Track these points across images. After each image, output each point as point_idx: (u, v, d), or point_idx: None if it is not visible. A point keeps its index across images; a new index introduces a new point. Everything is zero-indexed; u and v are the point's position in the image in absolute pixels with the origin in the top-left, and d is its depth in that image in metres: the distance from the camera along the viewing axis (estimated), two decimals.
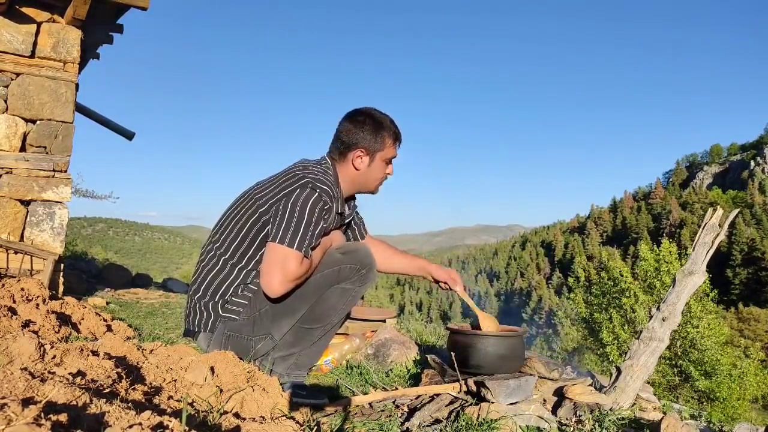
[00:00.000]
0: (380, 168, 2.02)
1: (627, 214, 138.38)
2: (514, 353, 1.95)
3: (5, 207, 4.06)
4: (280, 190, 1.83)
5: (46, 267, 3.98)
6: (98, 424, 0.83)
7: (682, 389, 16.00)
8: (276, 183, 1.87)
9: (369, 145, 1.97)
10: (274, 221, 1.78)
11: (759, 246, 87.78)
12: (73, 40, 4.40)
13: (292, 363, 1.93)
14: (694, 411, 2.37)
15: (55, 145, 4.29)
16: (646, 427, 1.80)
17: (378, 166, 2.01)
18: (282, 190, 1.82)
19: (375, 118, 2.01)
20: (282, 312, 1.85)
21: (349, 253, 1.86)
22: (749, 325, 48.00)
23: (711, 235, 2.13)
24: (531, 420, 1.73)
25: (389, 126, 2.02)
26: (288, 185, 1.83)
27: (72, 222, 46.88)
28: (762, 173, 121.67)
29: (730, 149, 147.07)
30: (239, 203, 1.94)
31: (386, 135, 2.00)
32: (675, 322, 2.06)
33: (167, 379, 1.34)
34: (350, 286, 1.86)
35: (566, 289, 59.06)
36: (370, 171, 2.00)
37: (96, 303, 4.73)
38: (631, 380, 2.01)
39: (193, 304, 1.93)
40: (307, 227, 1.75)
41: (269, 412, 1.34)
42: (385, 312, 3.47)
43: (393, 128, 2.03)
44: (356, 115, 2.02)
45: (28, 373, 0.97)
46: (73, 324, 2.49)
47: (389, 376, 2.52)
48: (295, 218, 1.75)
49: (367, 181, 2.02)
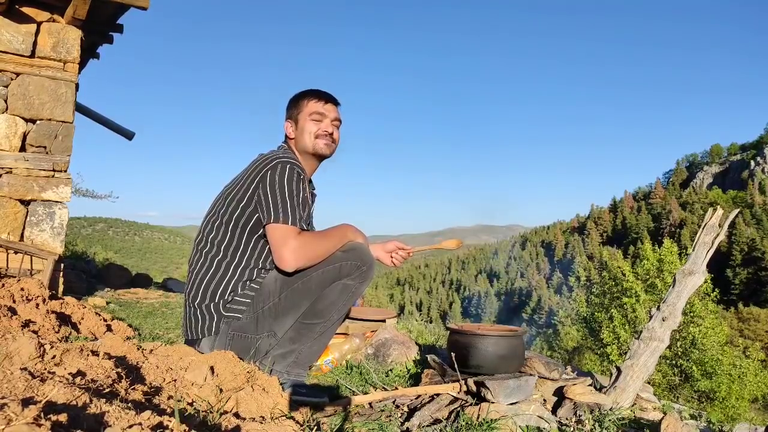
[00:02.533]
0: (308, 125, 2.07)
1: (627, 214, 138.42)
2: (514, 353, 1.95)
3: (5, 207, 4.06)
4: (253, 179, 1.90)
5: (46, 267, 3.98)
6: (98, 424, 0.83)
7: (682, 389, 16.00)
8: (246, 176, 1.94)
9: (291, 113, 2.11)
10: (261, 206, 1.87)
11: (759, 246, 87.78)
12: (73, 40, 4.40)
13: (292, 361, 1.93)
14: (694, 411, 2.37)
15: (55, 145, 4.29)
16: (646, 427, 1.80)
17: (305, 125, 2.07)
18: (255, 178, 1.90)
19: (297, 93, 2.14)
20: (285, 308, 1.87)
21: (349, 250, 1.88)
22: (749, 325, 47.97)
23: (711, 235, 2.13)
24: (531, 420, 1.73)
25: (307, 91, 2.12)
26: (258, 171, 1.90)
27: (72, 222, 46.77)
28: (762, 173, 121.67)
29: (730, 149, 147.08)
30: (216, 206, 2.00)
31: (303, 98, 2.09)
32: (675, 322, 2.06)
33: (167, 379, 1.34)
34: (351, 282, 1.88)
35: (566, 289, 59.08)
36: (300, 133, 2.08)
37: (96, 303, 4.74)
38: (631, 380, 2.01)
39: (192, 311, 1.94)
40: (291, 199, 1.84)
41: (269, 412, 1.34)
42: (385, 312, 3.47)
43: (310, 91, 2.12)
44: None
45: (27, 373, 0.97)
46: (73, 324, 2.49)
47: (389, 376, 2.52)
48: (279, 196, 1.84)
49: (303, 144, 2.08)
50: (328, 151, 2.10)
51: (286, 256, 1.79)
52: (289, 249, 1.79)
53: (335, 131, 2.10)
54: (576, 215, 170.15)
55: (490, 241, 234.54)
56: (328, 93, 2.12)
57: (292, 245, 1.79)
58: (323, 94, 2.11)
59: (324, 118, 2.08)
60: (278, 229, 1.81)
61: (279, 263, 1.82)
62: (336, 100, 2.13)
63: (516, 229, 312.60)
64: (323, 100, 2.09)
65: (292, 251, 1.79)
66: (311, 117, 2.07)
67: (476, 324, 2.19)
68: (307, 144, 2.07)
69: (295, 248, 1.79)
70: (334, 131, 2.10)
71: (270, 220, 1.82)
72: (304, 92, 2.12)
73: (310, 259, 1.82)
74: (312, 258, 1.82)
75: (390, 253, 2.19)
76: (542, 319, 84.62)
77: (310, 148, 2.08)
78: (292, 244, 1.79)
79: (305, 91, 2.13)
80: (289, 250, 1.79)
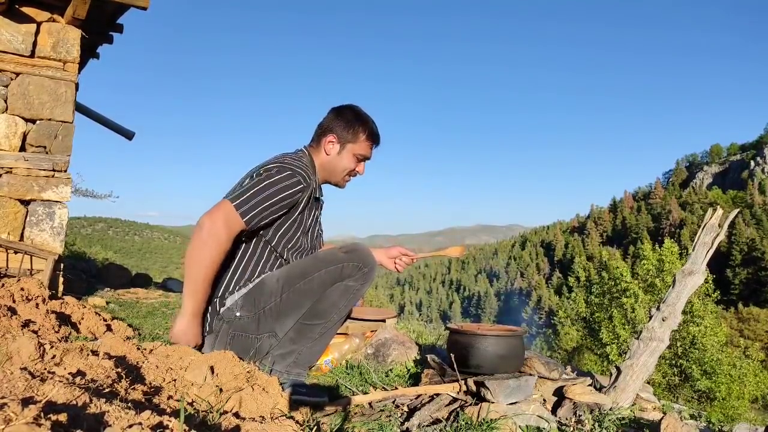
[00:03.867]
0: (349, 160, 2.05)
1: (627, 214, 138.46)
2: (514, 353, 1.95)
3: (5, 207, 4.06)
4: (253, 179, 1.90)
5: (46, 267, 3.98)
6: (98, 423, 0.83)
7: (682, 389, 16.00)
8: (251, 174, 1.94)
9: (342, 133, 2.03)
10: (238, 185, 1.88)
11: (759, 246, 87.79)
12: (72, 39, 4.40)
13: (292, 361, 1.94)
14: (694, 411, 2.37)
15: (55, 144, 4.29)
16: (645, 427, 1.80)
17: (347, 157, 2.04)
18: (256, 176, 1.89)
19: (355, 112, 2.07)
20: (286, 309, 1.87)
21: (351, 251, 1.88)
22: (749, 325, 47.97)
23: (711, 235, 2.13)
24: (531, 420, 1.73)
25: (367, 122, 2.06)
26: (262, 170, 1.89)
27: (72, 222, 46.64)
28: (762, 173, 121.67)
29: (730, 149, 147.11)
30: None
31: (361, 129, 2.04)
32: (675, 322, 2.06)
33: (167, 378, 1.34)
34: (353, 284, 1.88)
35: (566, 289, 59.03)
36: (338, 159, 2.04)
37: (96, 303, 4.73)
38: (631, 380, 2.01)
39: None
40: (259, 194, 1.78)
41: (269, 412, 1.34)
42: (385, 312, 3.47)
43: (371, 126, 2.07)
44: (340, 106, 2.10)
45: (27, 373, 0.97)
46: (73, 324, 2.49)
47: (389, 375, 2.52)
48: (249, 185, 1.81)
49: (334, 169, 2.06)
50: (344, 187, 2.14)
51: (205, 220, 1.73)
52: (212, 221, 1.73)
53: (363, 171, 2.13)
54: (576, 215, 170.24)
55: (490, 241, 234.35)
56: (379, 134, 2.10)
57: (218, 220, 1.72)
58: (378, 136, 2.09)
59: (364, 161, 2.09)
60: (224, 203, 1.76)
61: (199, 222, 1.76)
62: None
63: (516, 229, 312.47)
64: (375, 144, 2.09)
65: (214, 225, 1.73)
66: (356, 155, 2.05)
67: (476, 324, 2.19)
68: (336, 173, 2.07)
69: (218, 224, 1.73)
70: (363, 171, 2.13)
71: (228, 195, 1.82)
72: (363, 122, 2.05)
73: (210, 248, 1.73)
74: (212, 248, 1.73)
75: (393, 258, 2.19)
76: (542, 319, 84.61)
77: (334, 179, 2.09)
78: (219, 219, 1.72)
79: (364, 121, 2.06)
80: (212, 221, 1.73)
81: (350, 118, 2.04)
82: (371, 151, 2.08)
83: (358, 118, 2.05)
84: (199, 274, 1.76)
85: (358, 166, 2.08)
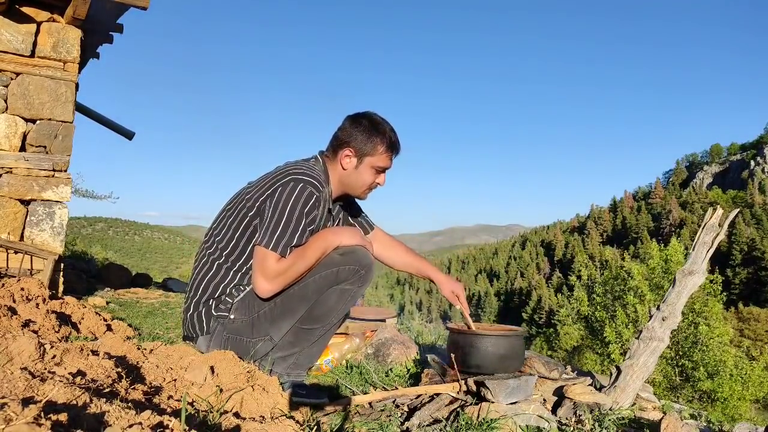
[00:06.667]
0: (368, 173, 1.96)
1: (627, 214, 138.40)
2: (514, 353, 1.95)
3: (5, 207, 4.06)
4: (266, 190, 1.85)
5: (46, 267, 3.98)
6: (98, 423, 0.83)
7: (682, 389, 15.98)
8: (263, 182, 1.89)
9: (359, 146, 1.94)
10: (261, 222, 1.82)
11: (759, 246, 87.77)
12: (73, 39, 4.40)
13: (292, 363, 1.94)
14: (694, 411, 2.37)
15: (55, 144, 4.29)
16: (646, 426, 1.80)
17: (366, 171, 1.96)
18: (267, 190, 1.85)
19: (373, 122, 1.96)
20: (281, 313, 1.86)
21: (347, 254, 1.84)
22: (749, 325, 47.97)
23: (711, 234, 2.13)
24: (531, 420, 1.73)
25: (385, 133, 1.96)
26: (273, 183, 1.85)
27: (72, 222, 46.64)
28: (762, 173, 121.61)
29: (730, 149, 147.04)
30: (230, 205, 1.97)
31: (379, 141, 1.94)
32: (675, 322, 2.06)
33: (167, 378, 1.34)
34: (349, 287, 1.86)
35: (566, 288, 59.01)
36: (357, 174, 1.96)
37: (96, 303, 4.73)
38: (631, 380, 2.01)
39: (189, 309, 1.96)
40: (287, 225, 1.77)
41: (269, 412, 1.34)
42: (385, 312, 3.47)
43: (390, 137, 1.96)
44: (357, 115, 2.00)
45: (27, 373, 0.97)
46: (73, 324, 2.49)
47: (389, 375, 2.52)
48: (276, 218, 1.78)
49: (353, 184, 1.99)
50: (366, 198, 2.07)
51: (259, 283, 1.77)
52: (265, 276, 1.76)
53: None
54: (576, 215, 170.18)
55: (490, 240, 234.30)
56: (399, 142, 2.00)
57: (269, 273, 1.75)
58: (397, 145, 1.99)
59: (384, 171, 2.01)
60: (260, 252, 1.77)
61: (255, 289, 1.80)
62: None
63: (516, 228, 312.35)
64: (395, 153, 1.99)
65: (267, 279, 1.76)
66: (376, 167, 1.96)
67: (476, 323, 2.19)
68: (356, 188, 2.00)
69: (271, 276, 1.75)
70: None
71: (260, 242, 1.78)
72: (381, 133, 1.95)
73: (284, 285, 1.79)
74: (288, 282, 1.79)
75: (453, 291, 2.13)
76: (542, 319, 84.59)
77: (354, 193, 2.02)
78: (268, 271, 1.75)
79: (382, 132, 1.95)
80: (264, 277, 1.76)
81: (368, 129, 1.94)
82: (391, 161, 1.99)
83: (376, 129, 1.94)
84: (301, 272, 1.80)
85: (378, 178, 1.99)
